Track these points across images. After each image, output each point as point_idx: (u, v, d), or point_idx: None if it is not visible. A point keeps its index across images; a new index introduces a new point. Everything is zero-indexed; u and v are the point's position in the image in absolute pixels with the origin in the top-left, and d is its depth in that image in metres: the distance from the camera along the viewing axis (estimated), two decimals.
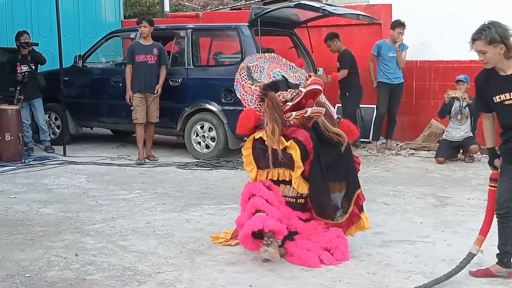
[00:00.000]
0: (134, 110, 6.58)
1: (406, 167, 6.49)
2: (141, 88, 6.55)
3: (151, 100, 6.62)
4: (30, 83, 7.16)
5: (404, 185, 5.47)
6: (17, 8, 8.76)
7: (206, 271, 3.26)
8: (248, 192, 3.35)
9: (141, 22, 6.56)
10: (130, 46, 6.66)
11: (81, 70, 7.73)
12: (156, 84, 6.61)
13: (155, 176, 5.92)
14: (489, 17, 7.95)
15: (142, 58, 6.52)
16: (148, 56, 6.53)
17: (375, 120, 7.54)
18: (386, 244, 3.72)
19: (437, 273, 3.21)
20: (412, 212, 4.56)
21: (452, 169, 6.38)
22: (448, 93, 6.72)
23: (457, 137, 6.73)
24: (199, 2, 17.84)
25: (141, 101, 6.56)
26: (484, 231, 3.23)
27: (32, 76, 7.19)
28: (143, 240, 3.81)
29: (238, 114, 6.62)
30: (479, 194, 5.11)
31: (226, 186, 5.45)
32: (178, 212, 4.53)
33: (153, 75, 6.61)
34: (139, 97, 6.55)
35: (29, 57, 7.15)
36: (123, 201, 4.89)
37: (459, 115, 6.70)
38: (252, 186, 3.39)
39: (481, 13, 7.30)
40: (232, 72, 6.90)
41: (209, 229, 4.05)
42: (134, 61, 6.53)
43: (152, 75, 6.59)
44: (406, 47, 7.37)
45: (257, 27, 6.66)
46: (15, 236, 3.91)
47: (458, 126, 6.73)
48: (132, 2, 14.81)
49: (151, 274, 3.22)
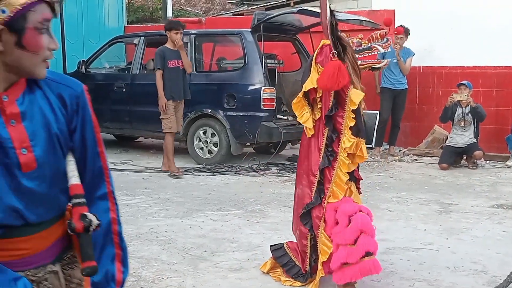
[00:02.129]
0: (167, 118, 6.14)
1: (409, 173, 6.47)
2: (174, 96, 6.17)
3: (179, 108, 6.30)
4: None
5: (407, 192, 5.46)
6: None
7: (209, 278, 3.25)
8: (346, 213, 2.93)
9: (179, 29, 6.15)
10: (160, 51, 6.20)
11: (85, 76, 7.75)
12: (184, 90, 6.30)
13: (158, 182, 5.92)
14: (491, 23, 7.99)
15: (175, 64, 6.17)
16: (180, 61, 6.20)
17: (378, 126, 7.53)
18: (389, 251, 3.70)
19: (441, 280, 3.20)
20: (416, 218, 4.54)
21: (455, 175, 6.37)
22: (453, 96, 6.71)
23: (461, 143, 6.71)
24: (201, 7, 17.91)
25: (174, 109, 6.20)
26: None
27: None
28: (146, 246, 3.81)
29: (240, 120, 6.79)
30: (483, 201, 5.10)
31: (228, 191, 5.45)
32: (181, 217, 4.53)
33: (183, 81, 6.30)
34: (172, 105, 6.17)
35: None
36: (126, 206, 4.88)
37: (462, 122, 6.68)
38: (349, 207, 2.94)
39: (484, 20, 7.36)
40: (235, 77, 7.00)
41: (212, 235, 4.05)
42: (166, 67, 6.14)
43: (182, 82, 6.28)
44: (412, 54, 7.35)
45: (260, 33, 6.68)
46: None
47: (462, 132, 6.71)
48: (135, 7, 14.87)
49: (155, 280, 3.21)
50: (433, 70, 7.82)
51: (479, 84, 7.28)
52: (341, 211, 2.94)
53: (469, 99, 6.64)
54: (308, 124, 3.03)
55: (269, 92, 6.55)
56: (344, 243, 2.88)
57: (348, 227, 2.89)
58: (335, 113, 2.99)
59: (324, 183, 3.03)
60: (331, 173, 3.00)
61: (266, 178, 6.09)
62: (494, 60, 7.30)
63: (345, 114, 2.98)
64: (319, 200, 3.02)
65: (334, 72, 2.89)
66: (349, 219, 2.91)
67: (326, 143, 3.02)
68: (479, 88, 7.28)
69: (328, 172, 3.02)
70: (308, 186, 3.07)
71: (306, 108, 3.04)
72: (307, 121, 3.03)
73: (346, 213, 2.93)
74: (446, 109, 6.77)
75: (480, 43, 7.26)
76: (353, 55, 3.08)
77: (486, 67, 7.46)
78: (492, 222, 4.44)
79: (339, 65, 2.91)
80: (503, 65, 7.37)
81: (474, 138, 6.73)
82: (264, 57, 6.65)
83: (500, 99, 7.42)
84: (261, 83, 6.54)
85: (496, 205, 4.96)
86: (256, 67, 6.59)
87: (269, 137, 6.62)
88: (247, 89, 6.60)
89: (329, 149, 3.02)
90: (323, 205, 3.01)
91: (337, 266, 2.90)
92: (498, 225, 4.35)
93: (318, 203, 3.02)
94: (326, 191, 3.01)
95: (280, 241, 3.68)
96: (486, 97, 7.24)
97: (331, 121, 3.01)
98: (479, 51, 7.06)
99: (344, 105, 2.98)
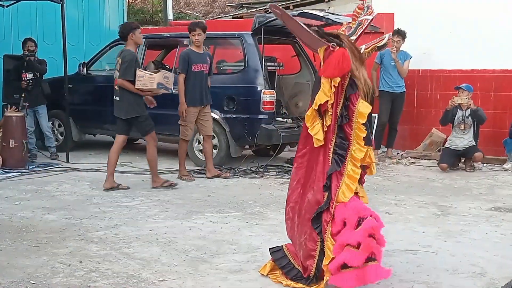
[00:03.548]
0: (185, 126, 6.03)
1: (407, 176, 6.51)
2: (196, 102, 5.99)
3: (205, 111, 6.11)
4: (34, 90, 7.22)
5: (405, 194, 5.49)
6: (22, 16, 8.83)
7: (209, 279, 3.28)
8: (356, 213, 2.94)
9: (194, 30, 5.94)
10: (185, 54, 6.00)
11: (85, 78, 7.78)
12: (206, 95, 6.11)
13: None
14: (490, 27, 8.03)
15: (199, 68, 5.98)
16: (204, 65, 6.02)
17: (376, 129, 7.56)
18: (388, 253, 3.72)
19: (440, 282, 3.23)
20: (414, 221, 4.57)
21: (453, 178, 6.40)
22: (454, 99, 6.75)
23: (460, 146, 6.75)
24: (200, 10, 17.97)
25: (195, 116, 6.04)
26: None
27: (37, 84, 7.24)
28: (146, 248, 3.83)
29: (240, 122, 6.81)
30: (480, 204, 5.13)
31: (228, 194, 5.47)
32: (181, 219, 4.55)
33: (207, 86, 6.12)
34: (193, 112, 5.99)
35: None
36: (126, 208, 4.91)
37: (462, 125, 6.72)
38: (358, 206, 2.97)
39: (483, 23, 7.41)
40: (235, 80, 7.03)
41: (212, 237, 4.07)
42: (189, 71, 5.95)
43: (206, 86, 6.10)
44: (409, 57, 7.41)
45: (260, 36, 6.71)
46: (20, 242, 3.93)
47: (462, 135, 6.75)
48: (135, 10, 14.93)
49: (155, 281, 3.23)
50: (432, 73, 7.86)
51: (477, 87, 7.32)
52: (351, 208, 2.94)
53: (469, 102, 6.69)
54: (318, 136, 3.07)
55: (269, 95, 6.59)
56: (349, 243, 2.86)
57: (358, 229, 2.88)
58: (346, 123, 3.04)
59: (331, 188, 3.05)
60: (339, 179, 3.03)
61: (265, 180, 6.11)
62: (492, 64, 7.35)
63: (353, 125, 3.01)
64: (328, 204, 3.04)
65: (338, 59, 2.93)
66: (358, 221, 2.91)
67: (334, 149, 3.05)
68: (477, 91, 7.31)
69: (335, 177, 3.04)
70: (320, 191, 3.08)
71: (317, 119, 3.07)
72: (317, 133, 3.07)
73: (357, 213, 2.93)
74: (446, 112, 6.81)
75: (479, 47, 7.31)
76: (349, 40, 3.09)
77: (484, 70, 7.51)
78: (490, 225, 4.47)
79: (342, 53, 2.95)
80: (501, 69, 7.42)
81: (474, 141, 6.77)
82: (264, 60, 6.69)
83: (498, 102, 7.47)
84: (261, 86, 6.57)
85: (494, 208, 5.00)
86: (256, 70, 6.63)
87: (269, 139, 6.65)
88: (247, 92, 6.63)
89: (337, 155, 3.04)
90: (331, 210, 3.03)
91: (335, 267, 2.89)
92: (496, 228, 4.38)
93: (326, 207, 3.04)
94: (333, 196, 3.03)
95: (279, 243, 3.71)
96: (484, 101, 7.28)
97: (342, 130, 3.06)
98: (478, 55, 7.10)
99: (353, 116, 3.02)
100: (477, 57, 7.26)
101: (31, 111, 7.27)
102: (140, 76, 5.43)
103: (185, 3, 18.38)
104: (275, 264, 3.30)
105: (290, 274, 3.20)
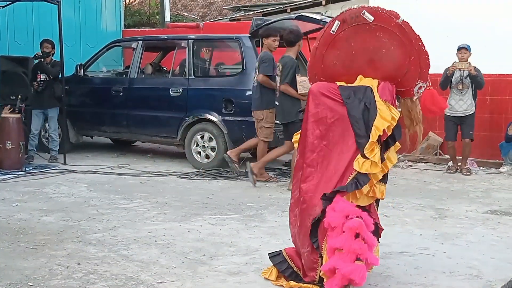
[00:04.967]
0: (269, 127, 6.09)
1: (404, 179, 6.54)
2: (273, 104, 6.06)
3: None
4: (46, 92, 7.10)
5: (402, 197, 5.52)
6: (18, 17, 8.81)
7: (208, 281, 3.28)
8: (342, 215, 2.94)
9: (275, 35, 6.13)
10: (271, 57, 6.09)
11: (82, 79, 7.77)
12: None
13: (156, 186, 5.94)
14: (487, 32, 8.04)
15: (275, 73, 6.04)
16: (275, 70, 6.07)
17: None
18: (386, 255, 3.75)
19: (437, 285, 3.25)
20: (412, 224, 4.60)
21: (450, 181, 6.43)
22: (455, 64, 6.76)
23: (460, 111, 6.74)
24: (197, 12, 17.98)
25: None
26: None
27: (49, 86, 7.11)
28: (145, 250, 3.83)
29: (238, 125, 6.82)
30: (476, 207, 5.16)
31: (226, 196, 5.48)
32: (179, 221, 4.56)
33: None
34: (273, 114, 6.09)
35: (49, 66, 7.16)
36: (124, 210, 4.91)
37: (460, 85, 6.73)
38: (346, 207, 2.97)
39: (480, 27, 7.45)
40: (232, 82, 7.04)
41: (210, 239, 4.08)
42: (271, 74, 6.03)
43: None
44: None
45: (258, 38, 6.73)
46: (18, 244, 3.92)
47: (460, 97, 6.75)
48: (132, 11, 14.92)
49: (154, 284, 3.24)
50: (429, 77, 7.88)
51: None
52: (339, 211, 2.93)
53: (470, 67, 6.72)
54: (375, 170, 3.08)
55: None
56: (336, 247, 2.87)
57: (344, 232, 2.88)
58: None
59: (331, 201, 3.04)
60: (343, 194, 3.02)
61: (263, 182, 6.12)
62: (489, 68, 7.38)
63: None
64: (324, 215, 3.00)
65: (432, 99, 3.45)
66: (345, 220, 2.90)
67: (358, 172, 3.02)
68: None
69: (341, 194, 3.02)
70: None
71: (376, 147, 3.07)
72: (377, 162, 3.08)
73: (344, 215, 2.91)
74: (447, 77, 6.80)
75: (475, 51, 7.35)
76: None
77: None
78: (486, 228, 4.50)
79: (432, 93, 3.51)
80: (497, 73, 7.46)
81: (473, 102, 6.75)
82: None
83: (494, 106, 7.51)
84: None
85: (490, 211, 5.03)
86: (254, 73, 6.63)
87: None
88: (245, 94, 6.64)
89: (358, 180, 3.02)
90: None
91: (328, 269, 2.90)
92: (492, 231, 4.41)
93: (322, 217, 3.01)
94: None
95: (278, 245, 3.73)
96: (480, 105, 7.31)
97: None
98: (474, 59, 7.13)
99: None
100: (473, 61, 7.29)
101: (41, 112, 7.21)
102: (302, 81, 5.52)
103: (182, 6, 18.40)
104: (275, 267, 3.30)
105: (291, 277, 3.21)
